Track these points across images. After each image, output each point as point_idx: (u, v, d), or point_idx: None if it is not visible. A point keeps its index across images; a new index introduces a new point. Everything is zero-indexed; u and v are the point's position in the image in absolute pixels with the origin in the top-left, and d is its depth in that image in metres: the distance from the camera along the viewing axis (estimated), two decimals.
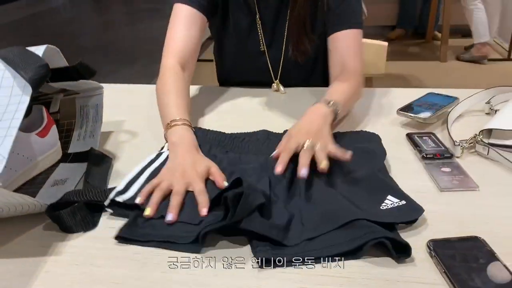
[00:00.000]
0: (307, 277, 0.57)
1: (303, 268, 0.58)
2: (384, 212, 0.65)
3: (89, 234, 0.66)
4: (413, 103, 0.98)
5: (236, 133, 0.90)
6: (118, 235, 0.64)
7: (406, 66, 3.78)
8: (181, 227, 0.65)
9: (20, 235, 0.67)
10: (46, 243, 0.65)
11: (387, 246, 0.58)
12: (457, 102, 0.98)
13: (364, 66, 1.07)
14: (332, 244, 0.60)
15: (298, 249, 0.60)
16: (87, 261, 0.61)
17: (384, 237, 0.58)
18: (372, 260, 0.59)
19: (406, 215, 0.65)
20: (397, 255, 0.58)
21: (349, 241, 0.59)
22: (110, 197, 0.69)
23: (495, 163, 0.80)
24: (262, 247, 0.60)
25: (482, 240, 0.60)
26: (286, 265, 0.58)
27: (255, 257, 0.59)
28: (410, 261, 0.58)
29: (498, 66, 3.79)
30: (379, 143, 0.84)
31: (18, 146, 0.75)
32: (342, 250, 0.59)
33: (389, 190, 0.70)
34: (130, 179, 0.74)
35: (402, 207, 0.66)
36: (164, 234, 0.64)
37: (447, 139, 0.87)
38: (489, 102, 0.99)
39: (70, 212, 0.67)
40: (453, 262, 0.56)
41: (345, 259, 0.59)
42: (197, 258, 0.60)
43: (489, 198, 0.70)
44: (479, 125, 0.89)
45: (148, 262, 0.60)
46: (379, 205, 0.67)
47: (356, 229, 0.60)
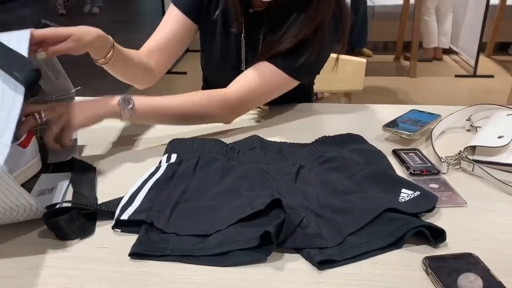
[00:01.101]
0: None
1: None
2: (404, 205, 0.69)
3: (80, 255, 0.64)
4: (397, 119, 1.00)
5: (231, 143, 0.91)
6: (132, 252, 0.63)
7: (378, 81, 3.86)
8: (194, 240, 0.65)
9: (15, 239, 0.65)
10: (37, 259, 0.62)
11: (425, 234, 0.64)
12: (439, 119, 1.00)
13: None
14: (375, 238, 0.64)
15: (344, 246, 0.63)
16: (77, 284, 0.59)
17: (422, 226, 0.64)
18: (371, 277, 0.59)
19: (425, 204, 0.70)
20: (434, 240, 0.64)
21: (390, 234, 0.64)
22: (115, 217, 0.69)
23: (480, 179, 0.82)
24: (312, 250, 0.62)
25: (476, 256, 0.61)
26: (341, 263, 0.61)
27: (310, 261, 0.62)
28: (407, 278, 0.59)
29: (465, 82, 3.92)
30: (368, 143, 0.89)
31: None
32: (388, 243, 0.63)
33: (401, 183, 0.75)
34: (133, 192, 0.74)
35: (418, 198, 0.72)
36: (180, 248, 0.63)
37: (432, 155, 0.88)
38: (470, 119, 1.02)
39: (68, 219, 0.66)
40: (449, 279, 0.57)
41: (387, 250, 0.63)
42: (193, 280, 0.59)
43: (477, 214, 0.72)
44: (461, 141, 0.91)
45: (141, 284, 0.59)
46: (397, 199, 0.71)
47: (392, 223, 0.65)
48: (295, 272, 0.60)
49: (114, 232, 0.69)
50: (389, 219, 0.66)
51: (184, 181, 0.77)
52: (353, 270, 0.60)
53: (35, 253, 0.64)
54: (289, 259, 0.63)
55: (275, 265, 0.62)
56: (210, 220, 0.68)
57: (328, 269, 0.60)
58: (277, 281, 0.59)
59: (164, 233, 0.66)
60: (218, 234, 0.65)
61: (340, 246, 0.63)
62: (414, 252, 0.63)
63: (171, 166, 0.81)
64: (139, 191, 0.74)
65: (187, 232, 0.66)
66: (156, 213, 0.68)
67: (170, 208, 0.70)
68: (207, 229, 0.66)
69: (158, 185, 0.75)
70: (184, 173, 0.79)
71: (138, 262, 0.62)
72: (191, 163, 0.81)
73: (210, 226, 0.66)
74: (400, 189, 0.73)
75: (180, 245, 0.64)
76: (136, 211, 0.69)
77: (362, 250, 0.63)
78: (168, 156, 0.85)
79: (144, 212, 0.69)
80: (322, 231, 0.65)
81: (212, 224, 0.67)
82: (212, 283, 0.59)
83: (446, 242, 0.65)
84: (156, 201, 0.71)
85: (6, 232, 0.69)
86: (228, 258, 0.62)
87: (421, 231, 0.64)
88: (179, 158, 0.83)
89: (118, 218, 0.68)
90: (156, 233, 0.66)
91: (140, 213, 0.69)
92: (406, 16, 4.34)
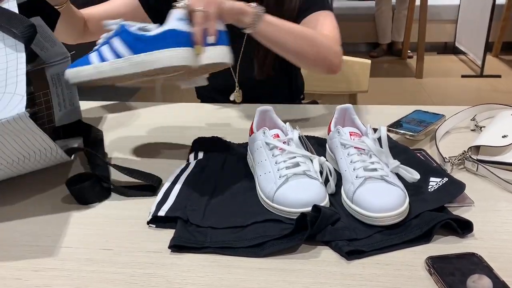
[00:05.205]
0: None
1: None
2: (433, 196, 0.72)
3: (83, 256, 0.65)
4: (401, 120, 1.00)
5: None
6: (172, 245, 0.65)
7: (384, 82, 3.86)
8: (230, 232, 0.67)
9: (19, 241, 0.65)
10: None
11: (452, 225, 0.65)
12: (443, 119, 1.00)
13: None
14: (403, 232, 0.65)
15: (373, 239, 0.65)
16: (82, 285, 0.59)
17: (448, 219, 0.65)
18: (373, 277, 0.59)
19: (455, 192, 0.73)
20: (462, 231, 0.66)
21: (418, 228, 0.65)
22: (152, 213, 0.71)
23: (485, 179, 0.81)
24: (340, 241, 0.64)
25: (479, 256, 0.61)
26: (369, 254, 0.63)
27: (338, 251, 0.63)
28: (409, 279, 0.59)
29: (472, 82, 3.89)
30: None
31: None
32: (416, 235, 0.64)
33: (429, 171, 0.78)
34: (167, 188, 0.77)
35: (447, 185, 0.74)
36: (218, 240, 0.65)
37: (436, 155, 0.88)
38: (474, 119, 1.02)
39: (90, 185, 0.76)
40: (452, 279, 0.57)
41: (416, 244, 0.64)
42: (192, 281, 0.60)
43: (481, 213, 0.72)
44: (465, 141, 0.91)
45: (145, 286, 0.59)
46: (426, 188, 0.74)
47: (420, 218, 0.67)
48: (298, 273, 0.60)
49: (117, 233, 0.69)
50: (416, 214, 0.68)
51: (214, 175, 0.81)
52: (355, 271, 0.60)
53: (39, 256, 0.65)
54: (291, 259, 0.63)
55: (278, 265, 0.62)
56: (244, 213, 0.71)
57: (330, 270, 0.61)
58: (280, 282, 0.59)
59: (200, 227, 0.68)
60: (255, 226, 0.67)
61: (369, 238, 0.65)
62: (417, 252, 0.63)
63: (199, 162, 0.86)
64: (172, 187, 0.77)
65: (223, 225, 0.68)
66: (190, 211, 0.71)
67: (204, 205, 0.72)
68: (242, 221, 0.68)
69: (190, 180, 0.79)
70: (213, 168, 0.83)
71: (141, 264, 0.63)
72: (219, 159, 0.86)
73: (245, 218, 0.69)
74: (428, 178, 0.76)
75: (217, 237, 0.66)
76: (171, 208, 0.72)
77: (391, 242, 0.64)
78: (195, 154, 0.89)
79: (179, 209, 0.71)
80: (351, 225, 0.67)
81: (246, 216, 0.69)
82: (215, 283, 0.59)
83: (449, 242, 0.65)
84: (190, 198, 0.74)
85: (9, 235, 0.70)
86: (264, 248, 0.64)
87: (449, 223, 0.65)
88: (206, 155, 0.88)
89: (155, 214, 0.71)
90: (193, 227, 0.68)
91: (176, 211, 0.71)
92: (412, 17, 4.34)
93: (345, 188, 0.72)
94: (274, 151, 0.75)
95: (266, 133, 0.78)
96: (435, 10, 4.53)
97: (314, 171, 0.73)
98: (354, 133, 0.78)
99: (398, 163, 0.72)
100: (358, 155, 0.73)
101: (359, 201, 0.68)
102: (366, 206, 0.67)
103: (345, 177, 0.74)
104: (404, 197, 0.68)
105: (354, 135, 0.77)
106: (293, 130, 0.78)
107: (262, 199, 0.73)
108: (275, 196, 0.70)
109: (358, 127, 0.82)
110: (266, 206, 0.72)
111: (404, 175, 0.71)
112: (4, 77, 0.71)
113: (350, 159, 0.74)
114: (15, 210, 0.76)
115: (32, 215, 0.75)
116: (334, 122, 0.85)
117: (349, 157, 0.74)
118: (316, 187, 0.71)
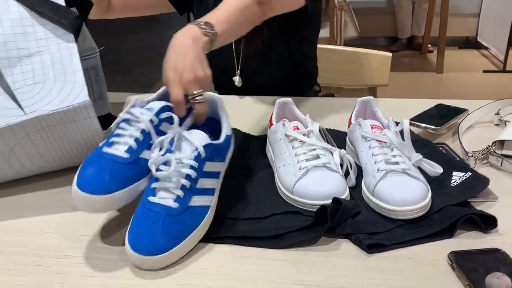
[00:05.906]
0: None
1: None
2: (456, 190, 0.71)
3: (103, 244, 0.65)
4: (424, 113, 0.98)
5: None
6: None
7: (403, 76, 3.81)
8: (248, 223, 0.67)
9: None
10: None
11: (475, 220, 0.64)
12: (466, 113, 0.98)
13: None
14: (424, 226, 0.64)
15: (394, 233, 0.64)
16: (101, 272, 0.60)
17: (472, 213, 0.64)
18: (394, 271, 0.58)
19: (478, 187, 0.72)
20: (485, 227, 0.64)
21: (441, 222, 0.64)
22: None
23: (509, 174, 0.80)
24: (360, 234, 0.63)
25: (504, 252, 0.59)
26: (390, 248, 0.62)
27: (358, 244, 0.63)
28: (431, 274, 0.58)
29: (494, 77, 3.82)
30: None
31: None
32: (438, 229, 0.63)
33: (452, 165, 0.77)
34: None
35: (470, 179, 0.73)
36: (236, 230, 0.66)
37: (459, 149, 0.86)
38: (498, 114, 0.99)
39: None
40: (476, 275, 0.56)
41: (438, 239, 0.63)
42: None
43: (506, 209, 0.70)
44: (489, 136, 0.89)
45: (163, 273, 0.59)
46: (449, 183, 0.72)
47: (443, 212, 0.66)
48: (318, 265, 0.60)
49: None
50: (439, 208, 0.67)
51: (232, 167, 0.78)
52: (376, 264, 0.60)
53: (60, 244, 0.65)
54: (311, 252, 0.62)
55: (297, 257, 0.61)
56: (263, 204, 0.70)
57: (350, 263, 0.60)
58: (299, 274, 0.58)
59: (219, 218, 0.68)
60: (274, 218, 0.67)
61: (389, 232, 0.64)
62: (439, 247, 0.62)
63: None
64: None
65: (242, 216, 0.68)
66: None
67: (223, 196, 0.71)
68: (261, 213, 0.68)
69: None
70: (231, 160, 0.80)
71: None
72: (237, 151, 0.83)
73: (264, 210, 0.69)
74: (451, 172, 0.74)
75: (236, 228, 0.66)
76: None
77: (413, 237, 0.63)
78: None
79: None
80: (372, 218, 0.66)
81: (266, 208, 0.69)
82: (231, 273, 0.59)
83: (472, 237, 0.64)
84: None
85: (31, 222, 0.70)
86: (283, 240, 0.63)
87: (472, 218, 0.64)
88: None
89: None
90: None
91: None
92: (433, 11, 4.27)
93: (365, 181, 0.72)
94: (294, 143, 0.75)
95: (286, 125, 0.77)
96: (456, 4, 4.43)
97: (334, 163, 0.72)
98: (375, 126, 0.77)
99: (421, 157, 0.70)
100: (380, 148, 0.72)
101: (380, 194, 0.67)
102: (388, 199, 0.66)
103: (366, 170, 0.73)
104: (426, 191, 0.67)
105: (375, 128, 0.76)
106: (313, 122, 0.78)
107: (282, 191, 0.73)
108: (295, 188, 0.70)
109: (380, 120, 0.81)
110: (285, 198, 0.72)
111: (426, 169, 0.70)
112: (60, 65, 0.74)
113: (371, 152, 0.73)
114: (39, 199, 0.77)
115: (52, 204, 0.75)
116: (355, 114, 0.84)
117: (370, 150, 0.73)
118: (337, 179, 0.70)
